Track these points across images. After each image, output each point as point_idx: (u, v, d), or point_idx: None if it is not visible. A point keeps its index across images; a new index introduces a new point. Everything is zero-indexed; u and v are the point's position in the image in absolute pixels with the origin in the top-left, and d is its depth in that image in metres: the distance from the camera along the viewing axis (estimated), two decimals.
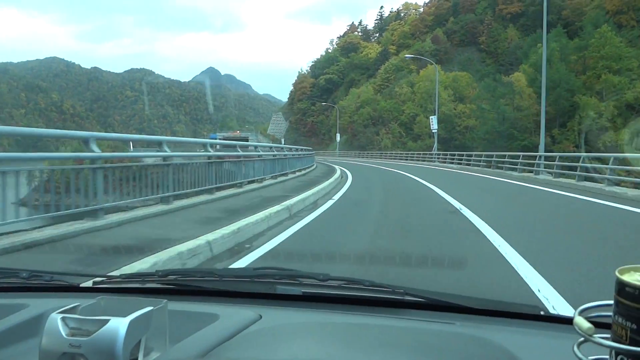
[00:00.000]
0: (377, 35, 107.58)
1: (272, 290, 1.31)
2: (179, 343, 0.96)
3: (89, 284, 1.43)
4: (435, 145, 37.71)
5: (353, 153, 62.37)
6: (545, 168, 18.31)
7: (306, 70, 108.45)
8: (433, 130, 38.41)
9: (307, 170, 21.25)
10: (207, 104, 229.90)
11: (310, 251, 5.40)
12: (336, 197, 11.12)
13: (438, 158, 34.93)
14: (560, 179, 16.12)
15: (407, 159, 42.93)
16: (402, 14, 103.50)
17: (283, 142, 67.51)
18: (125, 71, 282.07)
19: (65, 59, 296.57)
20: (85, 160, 6.45)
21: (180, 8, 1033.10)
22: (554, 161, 17.39)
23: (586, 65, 44.67)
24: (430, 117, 40.73)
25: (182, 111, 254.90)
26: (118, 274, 1.51)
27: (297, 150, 21.60)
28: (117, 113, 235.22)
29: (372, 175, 21.68)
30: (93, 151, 6.30)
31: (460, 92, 63.25)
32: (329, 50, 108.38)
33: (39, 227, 5.53)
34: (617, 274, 0.67)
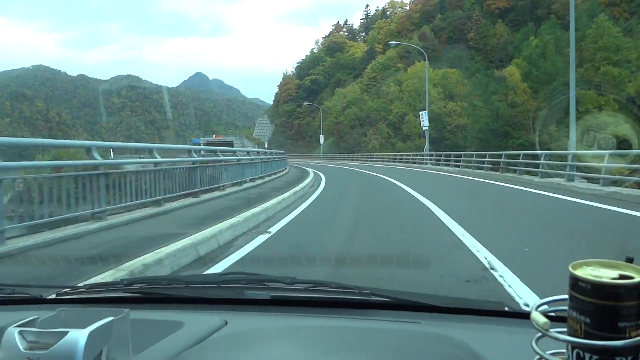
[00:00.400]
0: (364, 34, 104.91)
1: (239, 296, 1.30)
2: (142, 352, 0.94)
3: (52, 295, 1.39)
4: (427, 144, 34.61)
5: (339, 156, 58.94)
6: (577, 172, 13.75)
7: (291, 72, 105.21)
8: (424, 128, 35.31)
9: (273, 177, 18.57)
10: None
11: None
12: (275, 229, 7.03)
13: (430, 160, 31.46)
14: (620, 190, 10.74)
15: (395, 161, 39.64)
16: (388, 12, 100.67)
17: (267, 146, 64.42)
18: (112, 78, 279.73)
19: (51, 66, 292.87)
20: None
21: (167, 13, 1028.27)
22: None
23: (583, 58, 41.88)
24: (420, 112, 37.30)
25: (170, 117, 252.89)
26: (82, 284, 1.48)
27: (264, 154, 19.94)
28: (104, 121, 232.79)
29: (350, 192, 14.58)
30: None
31: (450, 90, 60.47)
32: (314, 51, 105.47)
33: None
34: (570, 268, 0.68)
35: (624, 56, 41.29)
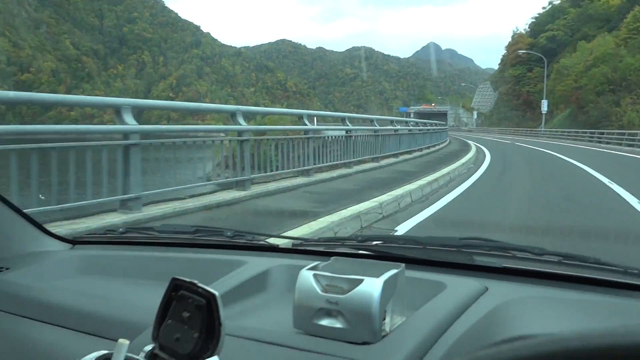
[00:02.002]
0: None
1: (469, 261, 1.21)
2: (419, 310, 0.92)
3: (287, 245, 1.44)
4: None
5: (574, 134, 41.12)
6: None
7: (523, 29, 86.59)
8: None
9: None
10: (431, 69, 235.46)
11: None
12: None
13: None
14: None
15: None
16: None
17: (475, 117, 51.36)
18: (346, 50, 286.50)
19: (293, 40, 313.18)
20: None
21: None
22: None
23: None
24: None
25: (400, 87, 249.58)
26: (317, 238, 1.55)
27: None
28: (337, 90, 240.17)
29: None
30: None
31: None
32: (555, 2, 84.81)
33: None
34: None
35: None
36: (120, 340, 0.61)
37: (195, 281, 0.64)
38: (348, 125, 10.77)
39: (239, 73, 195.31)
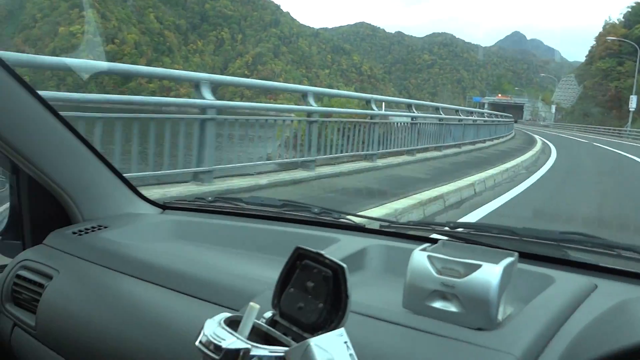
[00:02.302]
0: None
1: (564, 256, 1.16)
2: (531, 302, 0.88)
3: (373, 225, 1.42)
4: None
5: None
6: None
7: (617, 19, 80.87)
8: None
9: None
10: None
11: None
12: None
13: None
14: None
15: None
16: None
17: (554, 111, 49.01)
18: (426, 35, 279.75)
19: (372, 23, 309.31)
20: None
21: None
22: None
23: None
24: None
25: (478, 77, 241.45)
26: (405, 220, 1.49)
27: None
28: (412, 77, 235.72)
29: None
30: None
31: None
32: None
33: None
34: None
35: None
36: (251, 303, 0.61)
37: (322, 252, 0.64)
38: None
39: (315, 54, 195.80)
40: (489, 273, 0.79)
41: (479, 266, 0.79)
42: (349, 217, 1.45)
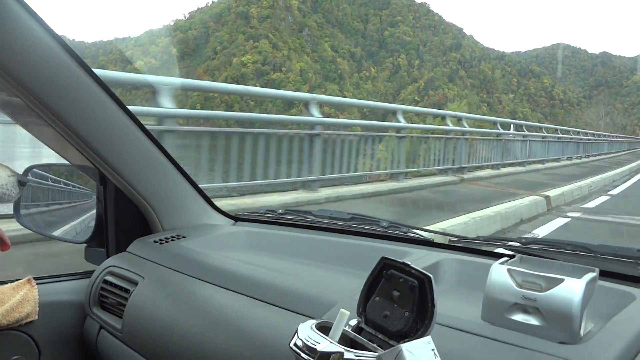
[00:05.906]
0: None
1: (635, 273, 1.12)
2: (613, 318, 0.88)
3: (442, 240, 1.45)
4: None
5: None
6: None
7: None
8: None
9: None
10: None
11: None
12: None
13: None
14: None
15: None
16: None
17: None
18: (638, 55, 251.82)
19: (572, 44, 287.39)
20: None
21: None
22: None
23: None
24: None
25: None
26: (477, 236, 1.51)
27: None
28: (618, 100, 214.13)
29: None
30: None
31: None
32: None
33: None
34: None
35: None
36: (342, 310, 0.64)
37: (408, 262, 0.67)
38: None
39: (498, 78, 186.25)
40: (572, 287, 0.79)
41: (561, 280, 0.80)
42: (417, 231, 1.48)
